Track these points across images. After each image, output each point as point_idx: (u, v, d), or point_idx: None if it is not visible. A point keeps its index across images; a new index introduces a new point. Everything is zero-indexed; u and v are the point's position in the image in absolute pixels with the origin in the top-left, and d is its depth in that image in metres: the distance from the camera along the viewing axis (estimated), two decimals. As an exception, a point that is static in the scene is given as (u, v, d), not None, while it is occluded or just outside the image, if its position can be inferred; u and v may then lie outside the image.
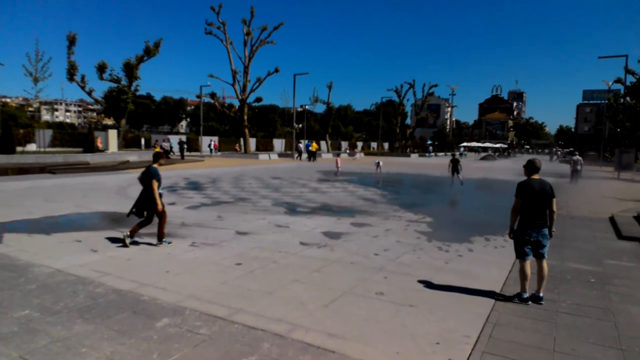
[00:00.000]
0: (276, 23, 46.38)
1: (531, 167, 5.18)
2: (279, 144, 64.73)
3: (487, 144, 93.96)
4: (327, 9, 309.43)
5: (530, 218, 5.02)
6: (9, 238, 7.64)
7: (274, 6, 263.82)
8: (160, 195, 7.31)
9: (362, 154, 53.58)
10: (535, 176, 5.16)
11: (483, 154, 73.45)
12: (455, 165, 20.23)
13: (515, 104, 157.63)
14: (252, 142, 55.66)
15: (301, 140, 48.84)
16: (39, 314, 4.32)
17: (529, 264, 5.08)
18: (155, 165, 7.41)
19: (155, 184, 7.17)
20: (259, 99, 49.09)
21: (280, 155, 47.34)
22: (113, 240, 7.71)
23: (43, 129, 41.34)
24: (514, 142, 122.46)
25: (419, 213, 11.62)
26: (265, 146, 60.87)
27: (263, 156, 42.30)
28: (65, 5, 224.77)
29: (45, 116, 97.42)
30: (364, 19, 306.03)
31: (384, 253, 7.22)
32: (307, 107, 71.70)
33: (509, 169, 33.29)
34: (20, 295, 4.83)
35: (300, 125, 74.91)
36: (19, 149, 27.26)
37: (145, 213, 7.39)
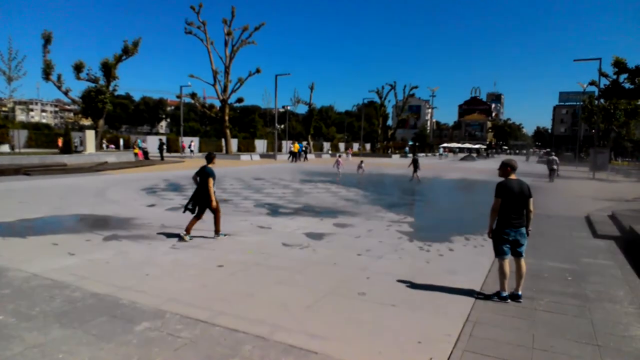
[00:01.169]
0: (257, 23, 46.18)
1: (509, 167, 5.27)
2: (260, 144, 64.49)
3: (467, 145, 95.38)
4: (308, 11, 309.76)
5: (508, 217, 5.11)
6: (-19, 242, 7.41)
7: (256, 7, 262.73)
8: (214, 192, 8.05)
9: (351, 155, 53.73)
10: (513, 176, 5.26)
11: (462, 155, 74.53)
12: (415, 165, 22.20)
13: (493, 105, 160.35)
14: (234, 142, 55.28)
15: (295, 142, 49.04)
16: (14, 320, 4.20)
17: (508, 262, 5.18)
18: (210, 165, 8.13)
19: (211, 181, 7.92)
20: (240, 100, 48.79)
21: (262, 156, 47.15)
22: (90, 243, 7.55)
23: (18, 129, 40.24)
24: (493, 143, 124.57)
25: (401, 213, 11.72)
26: (246, 147, 60.53)
27: (245, 157, 42.09)
28: (40, 3, 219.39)
29: (20, 116, 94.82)
30: (345, 21, 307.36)
31: (366, 253, 7.26)
32: (289, 107, 71.66)
33: (487, 170, 33.85)
34: (-6, 301, 4.69)
35: (282, 126, 74.73)
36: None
37: (197, 209, 8.07)
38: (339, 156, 26.64)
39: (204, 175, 8.01)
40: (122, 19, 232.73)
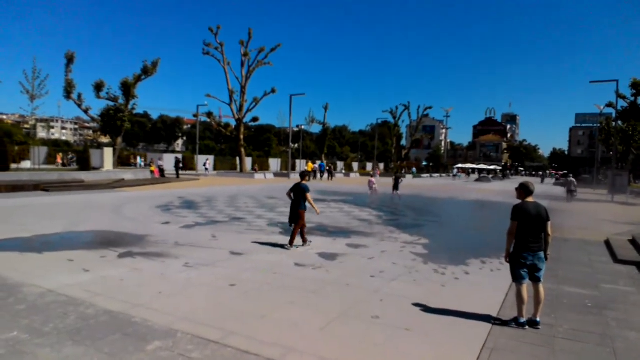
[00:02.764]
0: (273, 44, 47.02)
1: (525, 190, 5.20)
2: (275, 163, 64.87)
3: (482, 166, 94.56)
4: (324, 31, 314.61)
5: (526, 241, 5.01)
6: (-1, 257, 7.53)
7: (271, 28, 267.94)
8: (306, 207, 9.18)
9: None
10: (530, 199, 5.18)
11: (476, 176, 73.88)
12: (396, 183, 24.57)
13: (509, 126, 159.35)
14: (248, 161, 55.73)
15: (316, 161, 49.87)
16: (27, 336, 4.22)
17: (526, 287, 5.05)
18: (304, 181, 9.34)
19: (309, 195, 9.14)
20: (255, 119, 49.45)
21: (276, 174, 47.42)
22: (105, 259, 7.61)
23: (38, 146, 41.23)
24: (508, 164, 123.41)
25: (415, 234, 11.59)
26: (261, 165, 60.92)
27: (259, 175, 42.33)
28: (64, 24, 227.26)
29: (41, 133, 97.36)
30: (360, 41, 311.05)
31: (379, 275, 7.17)
32: (303, 127, 72.23)
33: (503, 191, 33.45)
34: (9, 316, 4.73)
35: (297, 145, 75.23)
36: (13, 166, 27.15)
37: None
38: (372, 176, 26.83)
39: (300, 191, 9.13)
40: (142, 39, 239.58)
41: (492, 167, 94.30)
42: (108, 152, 31.39)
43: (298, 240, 9.37)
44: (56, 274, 6.55)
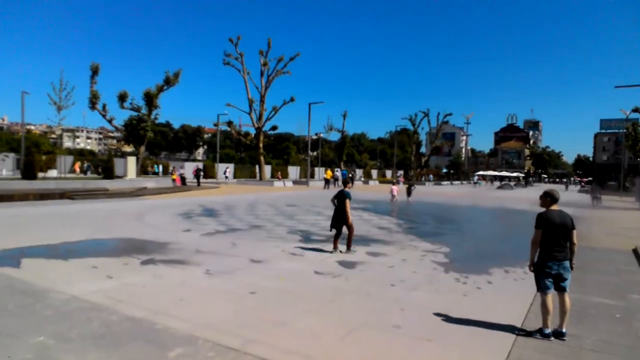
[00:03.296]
0: (292, 54, 47.46)
1: (550, 198, 5.10)
2: (293, 171, 65.13)
3: (504, 173, 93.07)
4: (342, 39, 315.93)
5: (550, 250, 4.90)
6: (27, 263, 7.74)
7: (290, 37, 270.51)
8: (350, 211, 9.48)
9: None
10: (554, 207, 5.07)
11: (498, 183, 72.67)
12: (409, 190, 27.64)
13: (531, 132, 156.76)
14: (268, 169, 56.11)
15: (337, 169, 50.45)
16: (53, 341, 4.31)
17: (551, 297, 4.93)
18: (346, 188, 9.69)
19: (348, 202, 9.33)
20: (274, 127, 49.91)
21: (295, 182, 47.60)
22: (128, 266, 7.74)
23: (64, 155, 42.39)
24: (531, 171, 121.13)
25: (436, 243, 11.45)
26: (280, 173, 61.23)
27: (278, 183, 42.58)
28: (89, 36, 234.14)
29: (67, 143, 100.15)
30: (378, 48, 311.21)
31: (400, 284, 7.09)
32: (321, 135, 72.37)
33: (526, 199, 32.81)
34: (36, 321, 4.84)
35: (315, 153, 75.42)
36: (40, 174, 27.93)
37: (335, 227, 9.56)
38: (394, 184, 27.62)
39: (342, 197, 9.39)
40: (164, 50, 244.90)
41: (514, 174, 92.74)
42: (131, 161, 32.06)
43: (314, 244, 9.58)
44: (81, 280, 6.68)
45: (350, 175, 48.21)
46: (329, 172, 43.30)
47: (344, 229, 9.73)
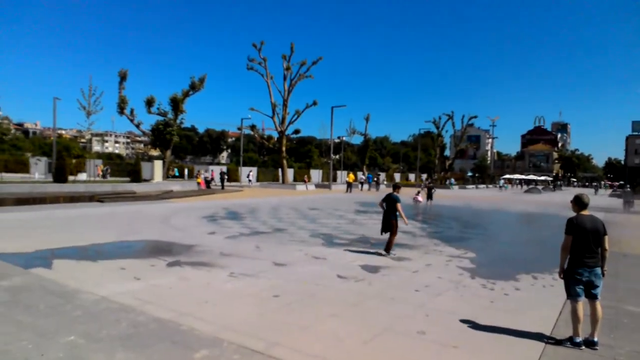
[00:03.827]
0: (315, 58, 47.66)
1: (579, 203, 4.96)
2: (316, 174, 65.22)
3: (531, 177, 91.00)
4: (364, 42, 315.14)
5: (581, 256, 4.76)
6: (58, 264, 7.97)
7: (312, 40, 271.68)
8: (397, 217, 9.79)
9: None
10: (585, 212, 4.93)
11: (525, 187, 71.04)
12: (429, 193, 27.26)
13: (559, 135, 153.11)
14: (290, 172, 56.38)
15: (360, 173, 51.15)
16: (83, 341, 4.42)
17: (582, 305, 4.78)
18: (395, 193, 9.93)
19: (399, 206, 9.65)
20: (297, 131, 50.12)
21: (317, 185, 47.69)
22: (155, 268, 7.88)
23: (93, 159, 43.62)
24: (560, 175, 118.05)
25: (461, 248, 11.27)
26: (302, 177, 61.43)
27: (300, 187, 42.69)
28: (117, 43, 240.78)
29: (96, 147, 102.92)
30: (401, 50, 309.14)
31: (424, 289, 7.00)
32: (344, 138, 72.33)
33: (554, 203, 31.98)
34: (67, 321, 4.98)
35: (338, 157, 75.37)
36: (71, 178, 28.78)
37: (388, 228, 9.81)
38: (418, 193, 27.56)
39: (391, 201, 9.71)
40: (189, 56, 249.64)
41: (542, 178, 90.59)
42: (158, 165, 32.71)
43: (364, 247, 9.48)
44: (109, 281, 6.85)
45: (375, 179, 48.21)
46: (351, 175, 43.21)
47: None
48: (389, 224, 9.77)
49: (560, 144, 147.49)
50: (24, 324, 4.84)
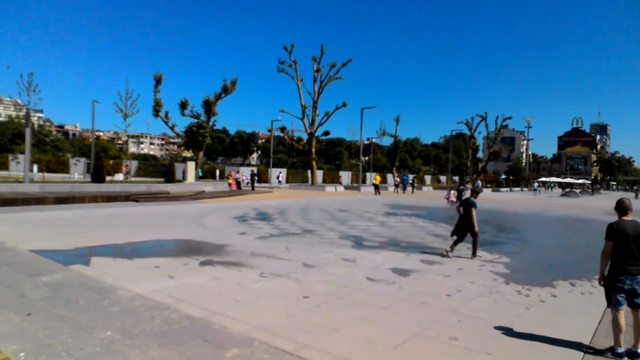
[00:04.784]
0: (345, 59, 47.63)
1: (620, 208, 4.76)
2: (345, 176, 65.12)
3: (568, 180, 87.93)
4: (396, 43, 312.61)
5: (622, 263, 4.55)
6: (95, 261, 8.26)
7: (343, 41, 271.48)
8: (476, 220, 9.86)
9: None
10: (627, 217, 4.71)
11: (561, 190, 68.63)
12: (459, 194, 25.02)
13: (598, 137, 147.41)
14: (319, 174, 56.51)
15: (395, 174, 51.52)
16: (119, 336, 4.56)
17: (624, 314, 4.57)
18: (472, 197, 10.01)
19: (474, 211, 9.74)
20: (326, 133, 50.25)
21: (346, 187, 47.57)
22: (188, 267, 8.05)
23: (130, 160, 45.01)
24: (599, 178, 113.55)
25: (495, 252, 10.99)
26: (331, 178, 61.47)
27: (330, 188, 42.70)
28: (154, 48, 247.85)
29: (132, 148, 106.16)
30: (433, 50, 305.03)
31: (456, 294, 6.86)
32: (373, 140, 71.94)
33: (594, 207, 30.79)
34: (104, 317, 5.14)
35: (367, 158, 75.00)
36: (108, 178, 29.81)
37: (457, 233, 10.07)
38: (451, 193, 27.08)
39: (467, 206, 9.82)
40: (222, 59, 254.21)
41: (579, 181, 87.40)
42: (191, 166, 33.47)
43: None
44: (144, 279, 7.04)
45: (410, 181, 47.97)
46: (378, 177, 42.98)
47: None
48: (465, 227, 9.88)
49: (599, 146, 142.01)
50: (64, 318, 5.03)
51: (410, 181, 48.06)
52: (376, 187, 40.23)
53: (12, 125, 69.94)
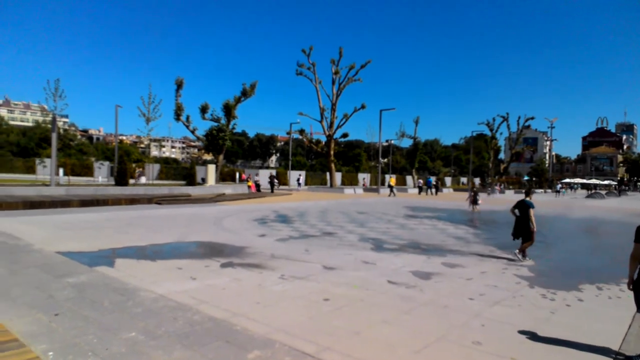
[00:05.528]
0: (363, 61, 47.56)
1: None
2: (363, 178, 64.89)
3: (593, 181, 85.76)
4: (414, 45, 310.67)
5: (654, 267, 4.41)
6: (119, 263, 8.42)
7: (361, 42, 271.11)
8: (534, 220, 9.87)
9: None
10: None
11: (584, 192, 66.91)
12: (474, 198, 25.62)
13: (625, 137, 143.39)
14: (338, 176, 56.45)
15: (428, 177, 52.36)
16: (143, 337, 4.62)
17: (656, 320, 4.42)
18: (528, 198, 10.00)
19: (532, 211, 9.73)
20: (345, 135, 50.21)
21: (365, 189, 47.42)
22: (209, 269, 8.13)
23: (152, 163, 45.80)
24: (625, 179, 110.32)
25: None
26: (350, 180, 61.36)
27: (348, 190, 42.65)
28: (175, 54, 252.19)
29: (154, 152, 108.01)
30: (451, 50, 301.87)
31: (479, 298, 6.75)
32: (392, 141, 71.60)
33: (621, 209, 29.93)
34: (128, 318, 5.23)
35: (386, 160, 74.62)
36: (131, 181, 30.37)
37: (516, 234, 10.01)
38: (478, 193, 26.93)
39: (524, 207, 9.80)
40: (241, 62, 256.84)
41: (605, 182, 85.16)
42: (211, 169, 33.85)
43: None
44: (167, 280, 7.14)
45: (434, 183, 47.84)
46: (393, 179, 43.36)
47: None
48: (523, 229, 9.84)
49: (625, 146, 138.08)
50: (90, 319, 5.13)
51: (434, 183, 47.83)
52: (391, 188, 40.52)
53: (39, 130, 72.07)
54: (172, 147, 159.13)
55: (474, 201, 25.47)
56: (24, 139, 73.48)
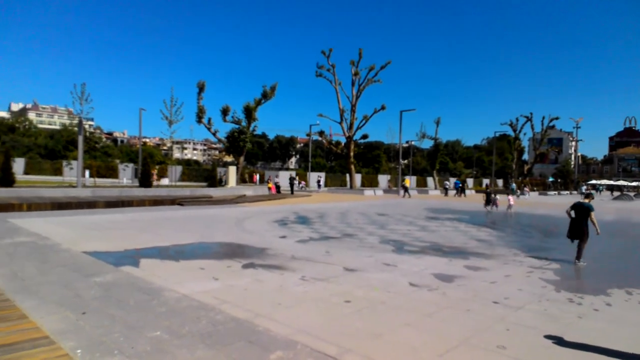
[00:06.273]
0: (383, 62, 47.39)
1: None
2: (384, 180, 64.58)
3: (621, 182, 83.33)
4: (434, 44, 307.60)
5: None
6: (144, 263, 8.58)
7: (381, 43, 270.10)
8: (587, 225, 9.88)
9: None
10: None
11: (609, 193, 64.99)
12: (488, 199, 26.16)
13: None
14: (358, 178, 56.31)
15: (450, 178, 52.48)
16: (167, 336, 4.70)
17: (691, 327, 4.27)
18: (587, 200, 9.97)
19: (593, 214, 9.79)
20: (364, 136, 50.13)
21: (385, 191, 47.18)
22: (231, 269, 8.22)
23: (174, 165, 46.56)
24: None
25: (543, 258, 10.55)
26: (370, 182, 61.13)
27: (368, 192, 42.53)
28: (196, 57, 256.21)
29: (176, 154, 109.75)
30: (474, 51, 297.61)
31: (504, 301, 6.63)
32: (413, 142, 70.91)
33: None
34: (153, 317, 5.32)
35: (406, 161, 74.07)
36: (154, 182, 30.95)
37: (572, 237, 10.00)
38: (509, 196, 26.95)
39: (583, 210, 9.81)
40: (261, 64, 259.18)
41: (633, 184, 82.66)
42: (232, 171, 34.22)
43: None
44: (190, 280, 7.25)
45: (461, 184, 47.83)
46: (407, 180, 43.96)
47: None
48: (580, 231, 9.83)
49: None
50: (116, 317, 5.25)
51: (461, 185, 47.81)
52: (405, 189, 40.63)
53: (66, 133, 74.09)
54: (194, 149, 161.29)
55: (488, 201, 26.18)
56: (52, 141, 75.69)
